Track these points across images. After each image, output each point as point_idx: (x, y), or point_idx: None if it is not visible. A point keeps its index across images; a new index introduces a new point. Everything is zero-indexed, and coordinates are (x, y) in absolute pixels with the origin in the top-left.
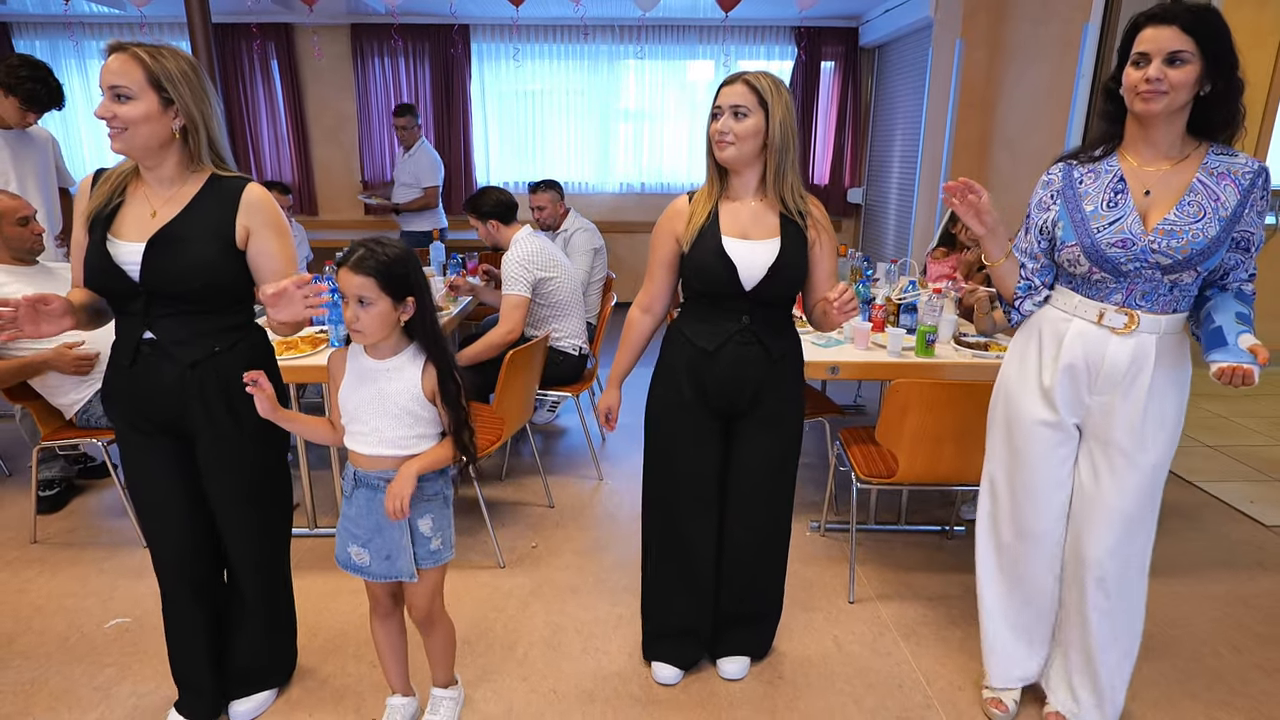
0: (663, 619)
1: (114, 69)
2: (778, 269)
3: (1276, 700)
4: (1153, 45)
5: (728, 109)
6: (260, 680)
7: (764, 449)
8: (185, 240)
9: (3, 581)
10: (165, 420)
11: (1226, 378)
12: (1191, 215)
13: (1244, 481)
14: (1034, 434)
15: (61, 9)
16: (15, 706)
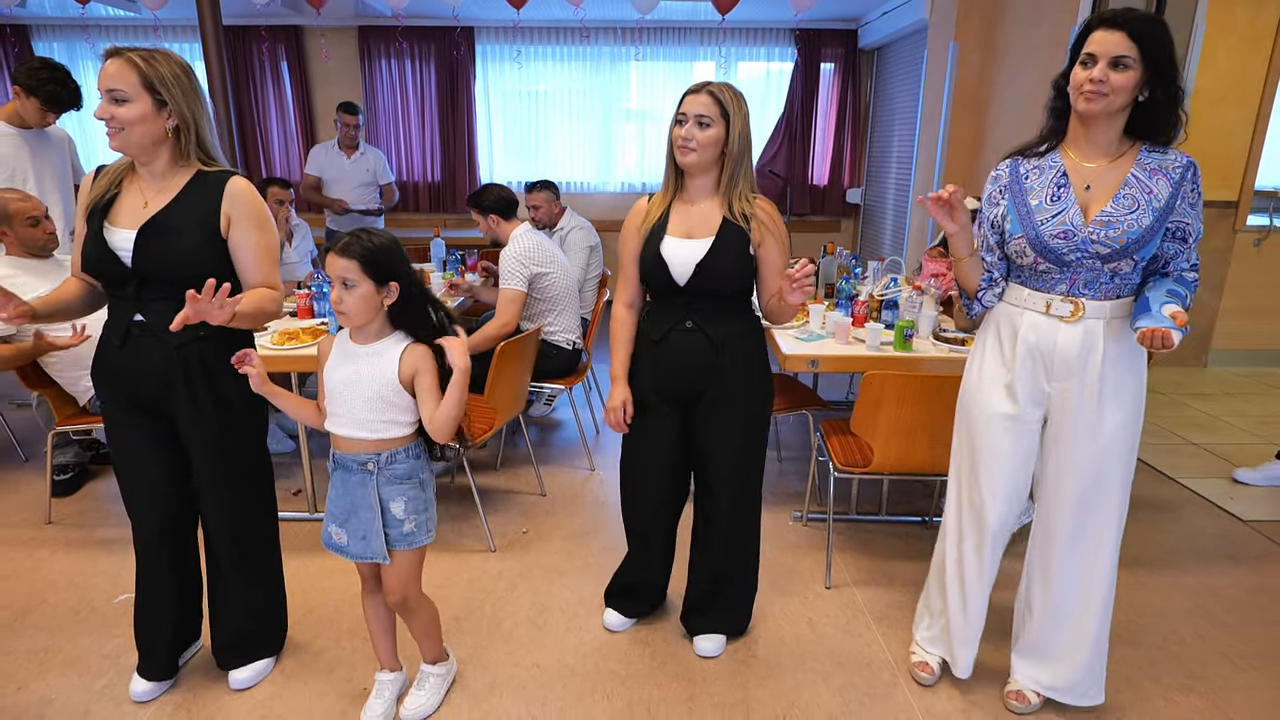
0: (620, 575)
1: (110, 73)
2: (703, 267)
3: (1235, 685)
4: (1100, 48)
5: (692, 117)
6: (248, 650)
7: (721, 433)
8: (173, 228)
9: (19, 559)
10: (150, 399)
11: (1147, 340)
12: (1127, 207)
13: (1223, 478)
14: (996, 426)
15: (78, 12)
16: (30, 672)
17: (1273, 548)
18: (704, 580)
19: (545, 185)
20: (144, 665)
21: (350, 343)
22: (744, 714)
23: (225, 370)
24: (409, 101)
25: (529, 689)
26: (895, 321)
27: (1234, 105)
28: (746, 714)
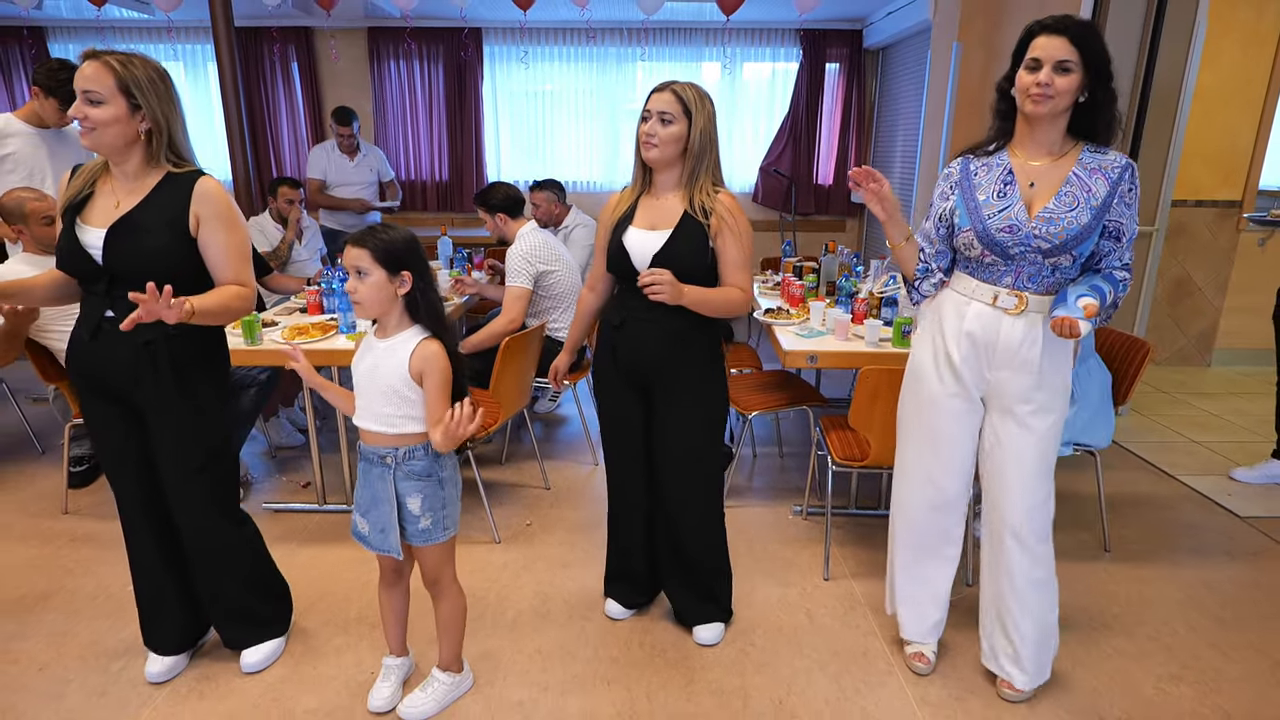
0: (610, 562)
1: (87, 75)
2: (660, 257)
3: (1226, 676)
4: (1044, 52)
5: (655, 114)
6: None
7: (673, 421)
8: (142, 228)
9: (38, 547)
10: (119, 390)
11: (1056, 328)
12: (1067, 205)
13: (1224, 475)
14: (945, 407)
15: (93, 14)
16: (50, 655)
17: (1269, 544)
18: (676, 571)
19: (547, 185)
20: (150, 639)
21: (373, 336)
22: (741, 700)
23: (192, 365)
24: (417, 102)
25: (531, 674)
26: (893, 318)
27: (1237, 105)
28: (744, 700)
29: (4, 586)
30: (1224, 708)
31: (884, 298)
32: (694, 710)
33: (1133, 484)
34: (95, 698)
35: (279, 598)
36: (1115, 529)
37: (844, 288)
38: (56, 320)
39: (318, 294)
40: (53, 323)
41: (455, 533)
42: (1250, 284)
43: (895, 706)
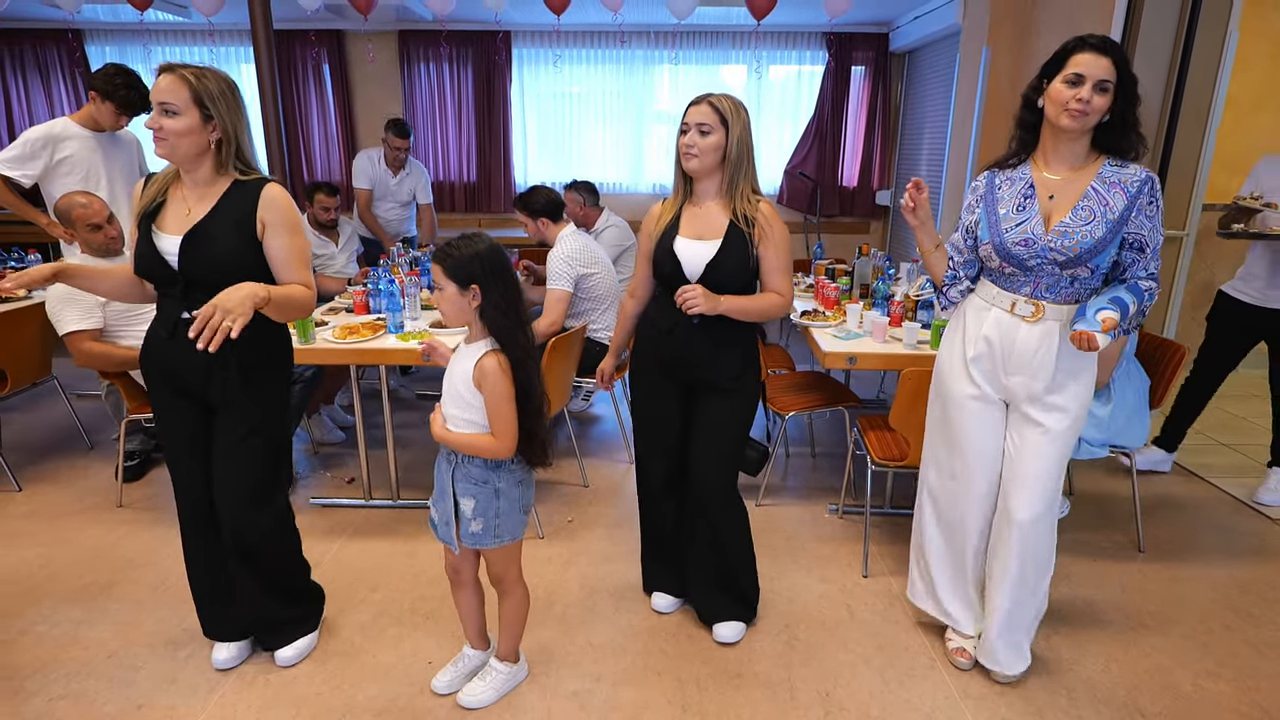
0: (647, 557)
1: (163, 87)
2: (714, 265)
3: (1261, 673)
4: (1088, 70)
5: (694, 126)
6: (277, 630)
7: (718, 419)
8: (213, 235)
9: (98, 538)
10: (192, 386)
11: (1075, 341)
12: (1083, 219)
13: (1253, 477)
14: (964, 407)
15: (133, 17)
16: (118, 642)
17: None
18: (702, 569)
19: (578, 186)
20: (210, 628)
21: (463, 341)
22: (788, 691)
23: (259, 363)
24: (446, 104)
25: (583, 665)
26: (930, 321)
27: (1269, 112)
28: (791, 690)
29: (68, 576)
30: (1262, 704)
31: (920, 301)
32: (743, 700)
33: (1164, 485)
34: (165, 684)
35: (312, 598)
36: (1149, 529)
37: (880, 290)
38: (121, 323)
39: (364, 294)
40: (118, 325)
41: (512, 541)
42: None
43: (939, 699)
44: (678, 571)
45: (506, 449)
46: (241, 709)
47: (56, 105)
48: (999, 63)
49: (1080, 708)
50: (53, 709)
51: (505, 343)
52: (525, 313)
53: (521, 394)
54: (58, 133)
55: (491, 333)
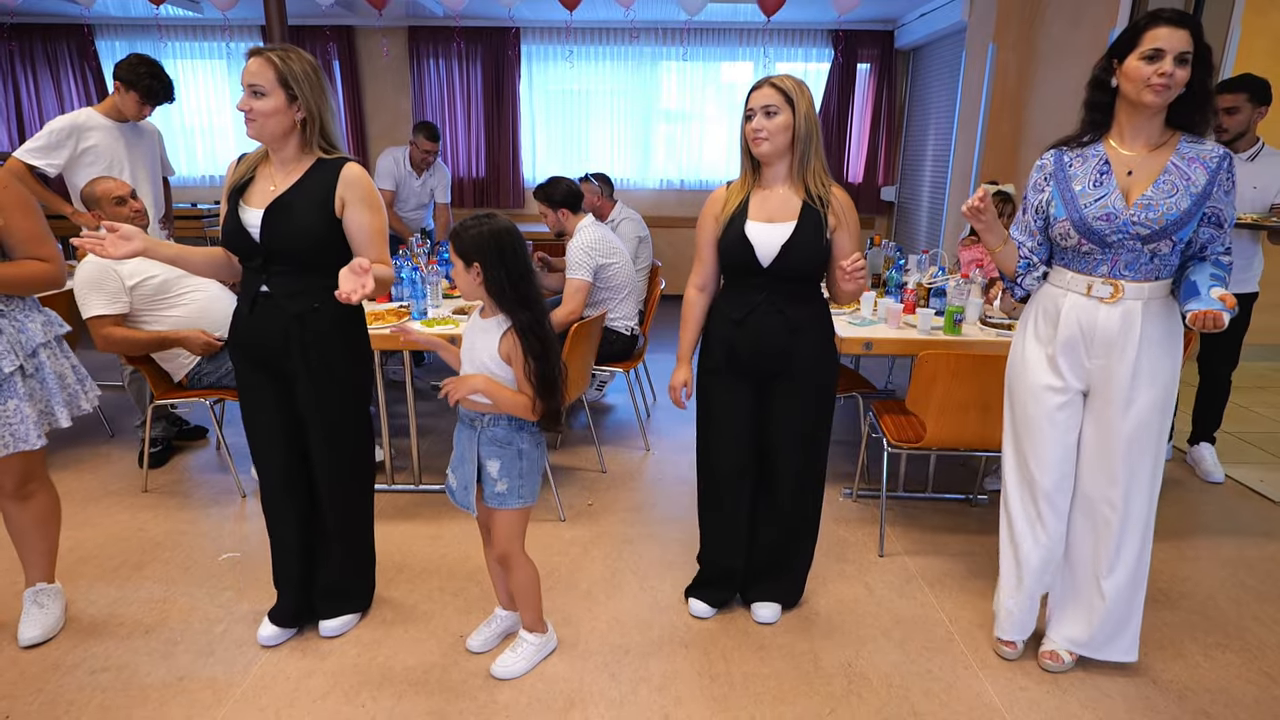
0: (707, 566)
1: (252, 70)
2: (789, 248)
3: (1267, 644)
4: (1168, 44)
5: (759, 109)
6: (340, 604)
7: (796, 406)
8: (294, 208)
9: (125, 521)
10: (271, 360)
11: (1199, 321)
12: (1166, 192)
13: (1257, 464)
14: (1040, 399)
15: (144, 12)
16: (154, 618)
17: None
18: (763, 552)
19: (596, 177)
20: (275, 610)
21: (478, 315)
22: (812, 661)
23: (334, 338)
24: (456, 100)
25: (611, 639)
26: (943, 308)
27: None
28: (815, 661)
29: (100, 557)
30: (1269, 672)
31: (931, 288)
32: (769, 671)
33: (1171, 470)
34: (204, 657)
35: (370, 581)
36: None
37: (893, 279)
38: (146, 308)
39: None
40: (143, 311)
41: (530, 504)
42: (1278, 281)
43: (958, 669)
44: (733, 584)
45: (539, 409)
46: (280, 680)
47: (67, 100)
48: (1005, 59)
49: (1095, 676)
50: (96, 680)
51: (511, 313)
52: (532, 290)
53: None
54: (82, 122)
55: (502, 303)
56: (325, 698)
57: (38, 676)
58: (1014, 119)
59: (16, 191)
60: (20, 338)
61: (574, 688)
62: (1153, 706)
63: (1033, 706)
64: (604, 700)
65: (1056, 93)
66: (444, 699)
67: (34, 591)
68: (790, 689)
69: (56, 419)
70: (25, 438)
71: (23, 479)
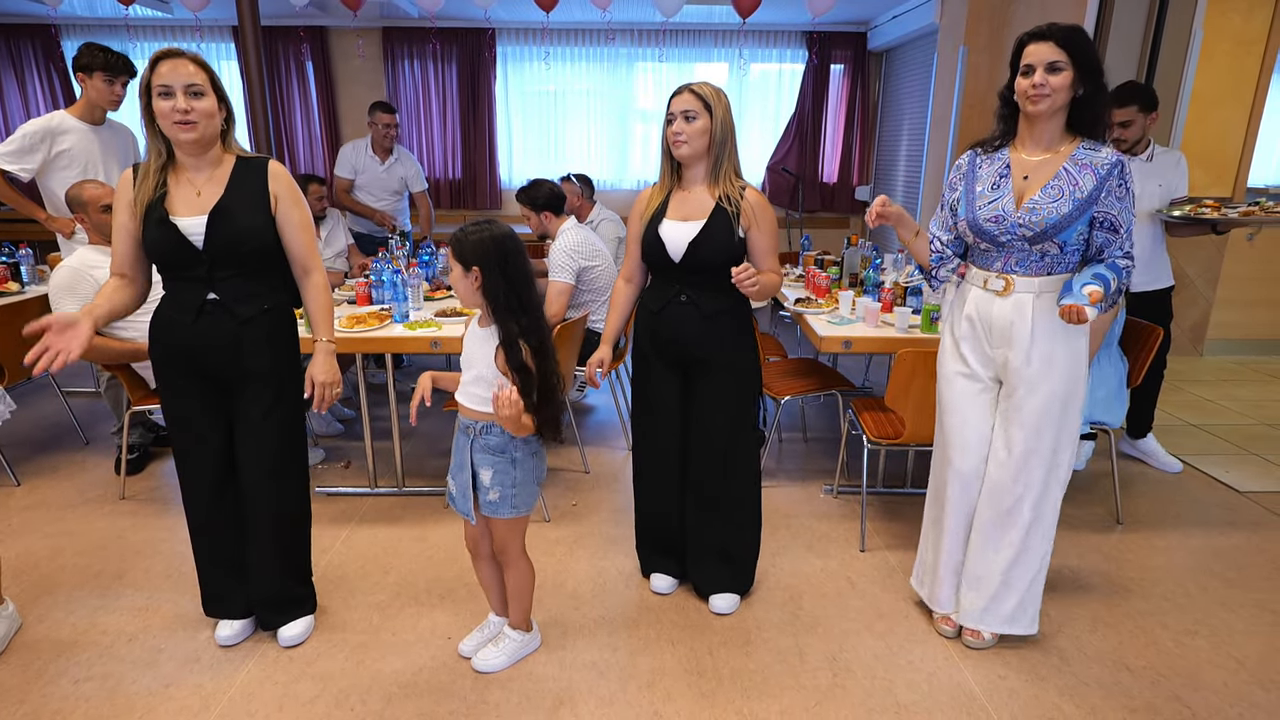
0: (644, 541)
1: (185, 71)
2: (696, 245)
3: (1235, 629)
4: (1035, 58)
5: (679, 114)
6: (291, 610)
7: (715, 390)
8: (235, 211)
9: (104, 529)
10: (213, 367)
11: (1065, 315)
12: (1052, 197)
13: (1222, 454)
14: (954, 384)
15: (110, 12)
16: (138, 625)
17: (1268, 515)
18: (703, 539)
19: (577, 178)
20: (213, 608)
21: (476, 323)
22: (798, 655)
23: (280, 343)
24: (431, 101)
25: (599, 637)
26: (920, 306)
27: (1229, 106)
28: (800, 655)
29: (78, 566)
30: (1236, 656)
31: (909, 287)
32: (755, 666)
33: (1139, 463)
34: (189, 664)
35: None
36: (1127, 503)
37: (870, 278)
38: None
39: (366, 286)
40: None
41: (524, 514)
42: (1240, 278)
43: (939, 660)
44: (676, 553)
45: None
46: (268, 686)
47: (32, 102)
48: (975, 61)
49: (1071, 664)
50: (80, 690)
51: (502, 322)
52: (531, 298)
53: (524, 372)
54: (55, 125)
55: (498, 310)
56: (314, 702)
57: (19, 688)
58: (985, 119)
59: None
60: None
61: (562, 686)
62: (1126, 692)
63: (1011, 695)
64: (593, 698)
65: None
66: (433, 700)
67: None
68: (776, 683)
69: None
70: None
71: None
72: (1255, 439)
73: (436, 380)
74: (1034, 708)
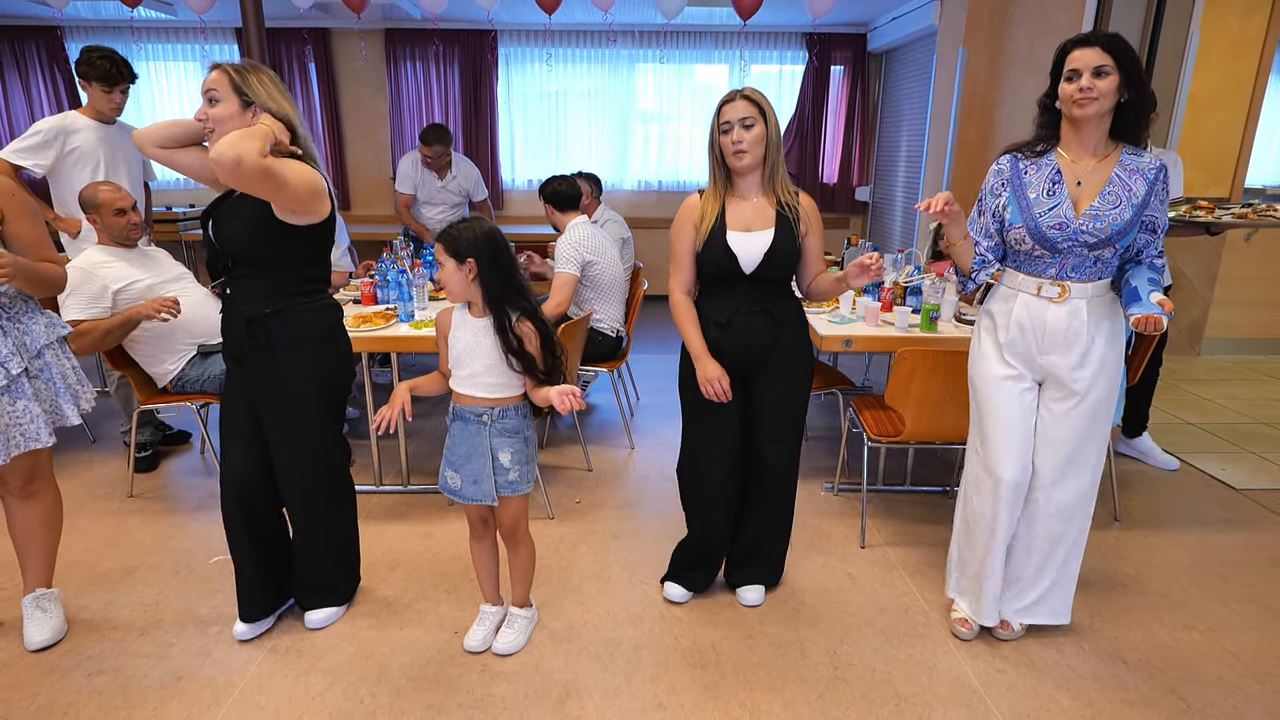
0: (682, 554)
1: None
2: (771, 254)
3: (1230, 624)
4: (1082, 62)
5: (736, 122)
6: (317, 597)
7: (779, 398)
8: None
9: (113, 527)
10: (237, 351)
11: (1142, 324)
12: (1111, 203)
13: (1219, 453)
14: (999, 388)
15: (115, 14)
16: (148, 621)
17: (1264, 513)
18: (749, 537)
19: (586, 177)
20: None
21: (469, 315)
22: (799, 649)
23: (288, 344)
24: (433, 102)
25: (604, 631)
26: (919, 306)
27: (1226, 108)
28: (801, 649)
29: (88, 562)
30: (1231, 650)
31: (908, 287)
32: (758, 660)
33: (1137, 462)
34: (199, 658)
35: (356, 568)
36: (1124, 500)
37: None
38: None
39: (372, 285)
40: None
41: (532, 489)
42: (1237, 278)
43: (939, 654)
44: (712, 570)
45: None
46: (278, 678)
47: (36, 104)
48: (975, 62)
49: (1069, 658)
50: (93, 683)
51: (509, 304)
52: (523, 282)
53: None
54: (68, 123)
55: (492, 299)
56: (324, 694)
57: (33, 680)
58: (984, 120)
59: (21, 197)
60: (25, 339)
61: (569, 679)
62: (1123, 685)
63: (1010, 688)
64: (599, 691)
65: (1025, 95)
66: (442, 693)
67: (34, 597)
68: (779, 676)
69: (65, 417)
70: (36, 436)
71: (29, 477)
72: (1252, 437)
73: (415, 389)
74: (1031, 700)
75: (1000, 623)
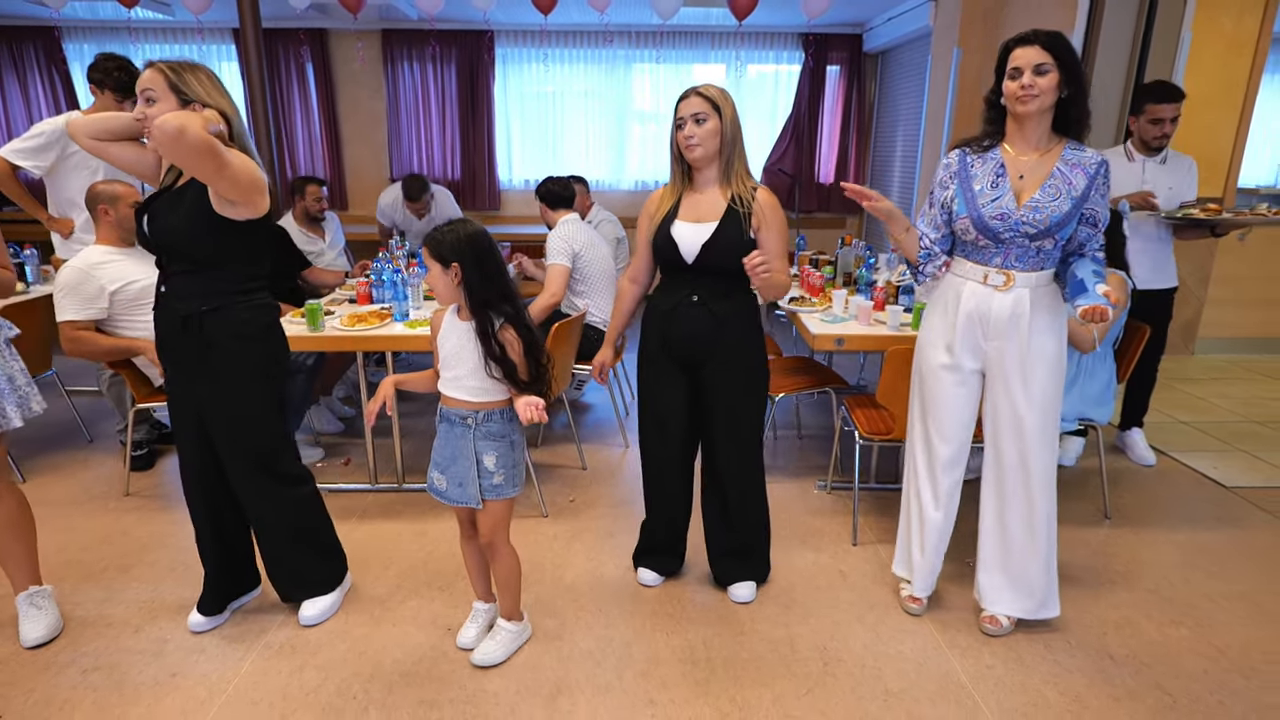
0: (644, 536)
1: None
2: (710, 246)
3: (1217, 620)
4: (1023, 60)
5: (689, 118)
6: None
7: (723, 396)
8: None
9: (109, 525)
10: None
11: (1089, 314)
12: (1051, 195)
13: (1210, 451)
14: (938, 377)
15: (112, 14)
16: (142, 618)
17: (1253, 510)
18: (723, 534)
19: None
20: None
21: (456, 318)
22: (789, 645)
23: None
24: (430, 103)
25: (595, 628)
26: (911, 305)
27: (1219, 108)
28: (792, 645)
29: (84, 560)
30: (1217, 645)
31: (901, 286)
32: (748, 656)
33: (1128, 460)
34: (194, 654)
35: (331, 557)
36: (1115, 498)
37: (863, 277)
38: (124, 313)
39: (367, 285)
40: (121, 315)
41: (519, 492)
42: (1231, 277)
43: (928, 650)
44: (676, 554)
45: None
46: (272, 675)
47: (34, 104)
48: (969, 62)
49: (1056, 654)
50: (88, 680)
51: (493, 309)
52: (509, 287)
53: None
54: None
55: (475, 303)
56: (318, 691)
57: (29, 677)
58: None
59: None
60: None
61: (560, 675)
62: (1110, 680)
63: (998, 684)
64: (590, 686)
65: None
66: (434, 689)
67: (27, 595)
68: (769, 671)
69: (9, 419)
70: None
71: None
72: (1244, 435)
73: (401, 384)
74: (1019, 695)
75: (989, 618)
